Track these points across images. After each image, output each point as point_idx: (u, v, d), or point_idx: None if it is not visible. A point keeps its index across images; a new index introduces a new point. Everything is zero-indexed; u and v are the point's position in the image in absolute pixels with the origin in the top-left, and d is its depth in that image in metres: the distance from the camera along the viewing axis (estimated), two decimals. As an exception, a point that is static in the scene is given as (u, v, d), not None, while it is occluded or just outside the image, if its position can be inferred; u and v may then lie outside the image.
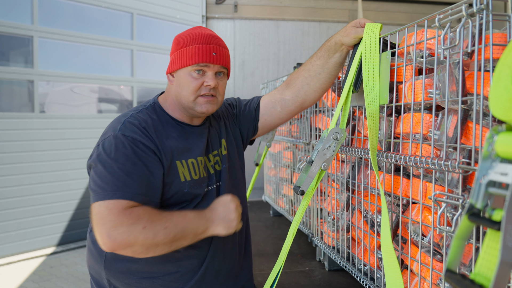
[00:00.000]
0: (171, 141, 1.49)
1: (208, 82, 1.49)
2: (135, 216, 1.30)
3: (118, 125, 1.43)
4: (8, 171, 5.09)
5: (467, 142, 1.14)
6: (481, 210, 0.69)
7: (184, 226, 1.36)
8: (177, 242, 1.36)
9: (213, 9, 6.77)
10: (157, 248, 1.33)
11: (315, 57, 1.69)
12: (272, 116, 1.80)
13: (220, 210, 1.45)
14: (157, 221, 1.32)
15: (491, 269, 0.64)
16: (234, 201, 1.48)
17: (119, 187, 1.32)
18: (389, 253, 1.32)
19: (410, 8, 7.28)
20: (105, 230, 1.26)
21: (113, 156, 1.36)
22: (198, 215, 1.42)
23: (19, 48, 5.31)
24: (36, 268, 4.92)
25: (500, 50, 1.05)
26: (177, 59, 1.51)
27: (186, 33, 1.53)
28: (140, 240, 1.28)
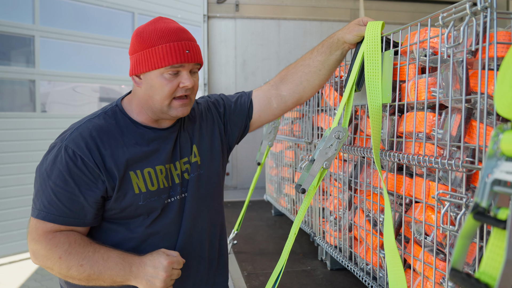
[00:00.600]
0: (127, 149, 1.39)
1: (184, 83, 1.37)
2: (54, 243, 1.29)
3: (68, 132, 1.37)
4: (10, 170, 5.10)
5: (471, 141, 1.13)
6: (486, 209, 0.69)
7: (101, 269, 1.30)
8: (93, 281, 1.31)
9: (214, 8, 6.76)
10: (74, 280, 1.32)
11: (316, 53, 1.64)
12: (267, 112, 1.71)
13: (149, 271, 1.31)
14: (74, 254, 1.29)
15: (497, 268, 0.63)
16: (167, 270, 1.32)
17: (46, 207, 1.32)
18: (392, 251, 1.31)
19: (412, 7, 7.26)
20: (31, 246, 1.32)
21: (49, 171, 1.33)
22: (122, 263, 1.32)
23: (20, 48, 5.32)
24: (38, 268, 4.92)
25: (504, 48, 1.04)
26: (145, 60, 1.35)
27: (150, 29, 1.37)
28: (56, 269, 1.30)
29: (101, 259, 1.31)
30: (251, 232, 2.90)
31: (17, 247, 5.17)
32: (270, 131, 2.72)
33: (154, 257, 1.33)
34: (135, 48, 1.38)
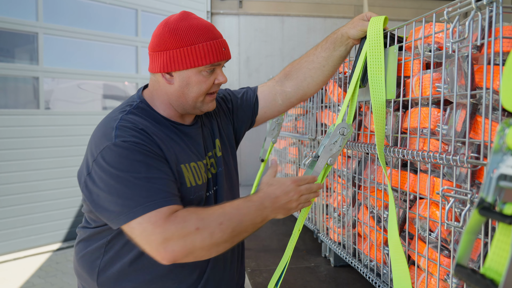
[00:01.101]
0: (169, 143, 1.36)
1: (220, 80, 1.40)
2: (182, 220, 1.17)
3: (112, 132, 1.27)
4: (14, 167, 5.12)
5: (476, 137, 1.12)
6: (491, 204, 0.68)
7: (240, 219, 1.23)
8: (236, 237, 1.23)
9: (218, 4, 6.76)
10: (219, 247, 1.21)
11: (320, 49, 1.64)
12: (272, 108, 1.72)
13: (280, 198, 1.30)
14: (207, 218, 1.19)
15: (502, 264, 0.63)
16: (295, 189, 1.32)
17: (148, 197, 1.18)
18: (396, 247, 1.31)
19: (416, 3, 7.25)
20: (159, 246, 1.15)
21: (123, 167, 1.21)
22: (253, 204, 1.27)
23: (24, 45, 5.33)
24: (43, 264, 4.95)
25: (510, 43, 1.03)
26: (182, 58, 1.34)
27: (184, 26, 1.35)
28: (198, 244, 1.16)
29: (234, 210, 1.24)
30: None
31: (21, 244, 5.19)
32: (274, 128, 2.72)
33: (277, 185, 1.32)
34: (168, 45, 1.34)
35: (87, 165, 1.28)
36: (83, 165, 1.31)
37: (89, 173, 1.26)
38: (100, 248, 1.37)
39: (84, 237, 1.42)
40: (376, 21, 1.47)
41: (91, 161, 1.26)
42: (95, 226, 1.38)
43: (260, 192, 1.32)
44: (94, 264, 1.37)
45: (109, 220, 1.23)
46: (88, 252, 1.39)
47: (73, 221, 5.64)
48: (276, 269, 1.54)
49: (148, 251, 1.18)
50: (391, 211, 1.34)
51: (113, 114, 1.37)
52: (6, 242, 5.07)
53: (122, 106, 1.41)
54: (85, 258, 1.40)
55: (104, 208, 1.22)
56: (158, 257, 1.16)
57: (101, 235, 1.37)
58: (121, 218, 1.18)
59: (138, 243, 1.19)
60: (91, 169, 1.25)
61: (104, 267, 1.36)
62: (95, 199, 1.24)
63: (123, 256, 1.34)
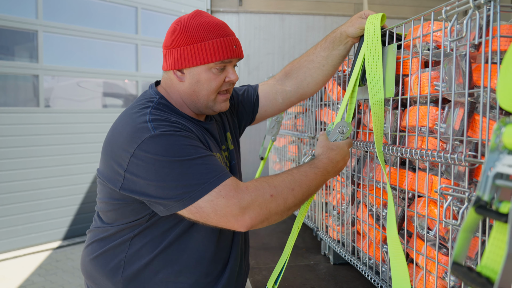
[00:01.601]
0: (200, 133, 1.37)
1: (231, 78, 1.39)
2: (255, 188, 1.21)
3: (147, 125, 1.24)
4: (14, 165, 5.12)
5: (474, 135, 1.13)
6: (488, 203, 0.69)
7: (309, 184, 1.30)
8: (304, 200, 1.31)
9: (218, 2, 6.76)
10: (290, 211, 1.27)
11: (319, 48, 1.65)
12: (273, 107, 1.74)
13: (340, 163, 1.40)
14: (278, 185, 1.24)
15: (498, 262, 0.63)
16: (349, 154, 1.45)
17: (208, 173, 1.19)
18: (395, 245, 1.31)
19: (416, 1, 7.24)
20: (238, 215, 1.18)
21: (174, 153, 1.20)
22: (318, 170, 1.34)
23: (24, 43, 5.33)
24: (42, 262, 4.96)
25: (507, 42, 1.04)
26: (192, 55, 1.34)
27: (196, 23, 1.35)
28: (273, 210, 1.22)
29: (302, 176, 1.30)
30: (254, 226, 2.90)
31: (21, 242, 5.20)
32: (273, 126, 2.72)
33: (337, 150, 1.41)
34: (179, 42, 1.35)
35: (119, 164, 1.25)
36: (111, 166, 1.29)
37: (126, 169, 1.24)
38: (125, 242, 1.36)
39: (101, 237, 1.40)
40: (374, 19, 1.47)
41: (125, 157, 1.23)
42: (116, 224, 1.37)
43: (323, 157, 1.38)
44: (117, 259, 1.36)
45: (167, 206, 1.22)
46: (108, 249, 1.37)
47: (73, 219, 5.65)
48: (275, 267, 1.55)
49: (224, 223, 1.21)
50: (390, 209, 1.35)
51: (134, 110, 1.34)
52: (7, 240, 5.08)
53: (141, 103, 1.37)
54: (103, 256, 1.38)
55: (159, 198, 1.21)
56: (236, 225, 1.20)
57: (125, 231, 1.36)
58: (185, 201, 1.19)
59: (210, 219, 1.21)
60: (129, 165, 1.23)
61: (130, 260, 1.35)
62: (145, 192, 1.23)
63: (152, 248, 1.34)
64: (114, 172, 1.28)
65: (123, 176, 1.25)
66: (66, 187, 5.56)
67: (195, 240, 1.37)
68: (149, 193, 1.22)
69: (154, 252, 1.34)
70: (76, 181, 5.65)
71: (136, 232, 1.35)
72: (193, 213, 1.21)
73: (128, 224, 1.35)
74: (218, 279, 1.43)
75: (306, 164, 1.36)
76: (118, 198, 1.32)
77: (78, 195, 5.67)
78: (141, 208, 1.31)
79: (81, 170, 5.66)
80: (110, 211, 1.37)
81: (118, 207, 1.34)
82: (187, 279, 1.36)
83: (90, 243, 1.44)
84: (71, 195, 5.62)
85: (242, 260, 1.55)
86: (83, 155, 5.66)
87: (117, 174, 1.27)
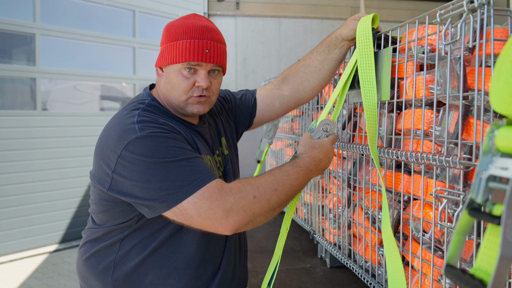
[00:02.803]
0: (189, 135, 1.37)
1: (199, 83, 1.35)
2: (238, 190, 1.20)
3: (134, 126, 1.25)
4: (11, 168, 5.11)
5: (468, 138, 1.13)
6: (481, 205, 0.69)
7: (292, 184, 1.29)
8: (288, 200, 1.30)
9: (215, 6, 6.77)
10: (274, 212, 1.26)
11: (315, 53, 1.65)
12: (270, 111, 1.74)
13: (322, 160, 1.38)
14: (261, 186, 1.23)
15: (491, 264, 0.63)
16: (333, 151, 1.43)
17: (193, 175, 1.19)
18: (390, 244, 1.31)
19: (412, 5, 7.27)
20: (222, 218, 1.16)
21: (159, 154, 1.20)
22: (301, 169, 1.32)
23: (21, 46, 5.33)
24: (39, 266, 4.94)
25: (501, 45, 1.04)
26: (166, 53, 1.35)
27: (179, 23, 1.37)
28: (257, 211, 1.20)
29: (285, 176, 1.29)
30: (251, 230, 2.90)
31: (18, 245, 5.18)
32: (270, 129, 2.72)
33: (320, 147, 1.39)
34: (162, 40, 1.40)
35: (107, 164, 1.26)
36: (100, 167, 1.29)
37: (114, 170, 1.24)
38: (115, 243, 1.36)
39: (93, 238, 1.41)
40: (365, 20, 1.48)
41: (113, 158, 1.24)
42: (107, 226, 1.37)
43: (305, 156, 1.37)
44: (108, 260, 1.36)
45: (151, 207, 1.21)
46: (100, 250, 1.38)
47: (70, 222, 5.64)
48: (267, 270, 1.55)
49: (208, 226, 1.19)
50: (384, 210, 1.35)
51: (124, 112, 1.34)
52: (3, 244, 5.06)
53: (133, 105, 1.38)
54: (95, 256, 1.39)
55: (144, 199, 1.21)
56: (221, 228, 1.18)
57: (115, 232, 1.36)
58: (169, 202, 1.18)
59: (194, 222, 1.19)
60: (116, 166, 1.23)
61: (120, 261, 1.35)
62: (131, 193, 1.23)
63: (141, 250, 1.34)
64: (103, 173, 1.28)
65: (111, 177, 1.26)
66: (63, 190, 5.54)
67: (184, 242, 1.36)
68: (135, 194, 1.22)
69: (143, 253, 1.34)
70: (73, 184, 5.64)
71: (126, 233, 1.35)
72: (177, 215, 1.20)
73: (118, 225, 1.35)
74: (209, 284, 1.41)
75: (288, 163, 1.35)
76: (108, 199, 1.32)
77: (75, 198, 5.66)
78: (130, 210, 1.31)
79: (78, 173, 5.65)
80: (101, 212, 1.38)
81: (108, 208, 1.35)
82: (176, 282, 1.36)
83: (83, 244, 1.45)
84: (68, 198, 5.60)
85: (236, 266, 1.53)
86: (80, 158, 5.65)
87: (106, 175, 1.27)
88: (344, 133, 1.88)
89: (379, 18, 1.53)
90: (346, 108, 1.87)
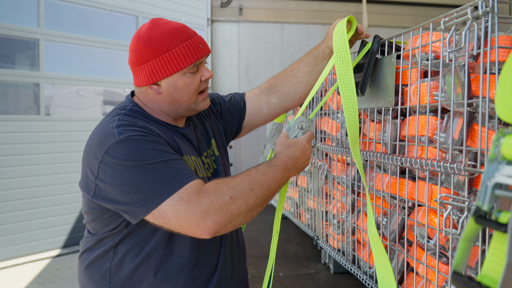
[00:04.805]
0: (171, 136, 1.38)
1: (206, 76, 1.41)
2: (214, 191, 1.19)
3: (114, 131, 1.26)
4: (14, 173, 5.12)
5: (473, 145, 1.14)
6: (487, 213, 0.69)
7: (269, 183, 1.28)
8: (267, 200, 1.29)
9: (218, 12, 6.79)
10: (253, 212, 1.25)
11: (303, 64, 1.69)
12: (258, 116, 1.76)
13: (299, 158, 1.38)
14: (238, 186, 1.22)
15: (498, 271, 0.64)
16: (310, 146, 1.42)
17: (172, 177, 1.19)
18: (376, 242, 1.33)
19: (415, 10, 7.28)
20: (199, 221, 1.15)
21: (137, 158, 1.20)
22: (277, 168, 1.32)
23: (25, 51, 5.35)
24: (42, 270, 4.94)
25: (505, 52, 1.05)
26: (164, 65, 1.34)
27: (156, 34, 1.35)
28: (234, 212, 1.19)
29: (261, 175, 1.28)
30: (254, 235, 2.90)
31: (20, 250, 5.19)
32: (274, 135, 2.73)
33: (296, 146, 1.39)
34: (146, 57, 1.35)
35: (91, 171, 1.27)
36: (86, 174, 1.31)
37: (96, 176, 1.24)
38: (108, 251, 1.36)
39: (88, 247, 1.41)
40: (340, 24, 1.49)
41: (96, 164, 1.24)
42: (99, 234, 1.38)
43: (281, 155, 1.37)
44: (104, 268, 1.36)
45: (132, 213, 1.21)
46: (95, 258, 1.38)
47: (72, 227, 5.64)
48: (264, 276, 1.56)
49: (186, 229, 1.18)
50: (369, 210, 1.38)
51: (106, 119, 1.36)
52: (5, 249, 5.06)
53: (114, 112, 1.39)
54: (92, 266, 1.39)
55: (124, 204, 1.21)
56: (199, 231, 1.17)
57: (108, 240, 1.36)
58: (149, 205, 1.18)
59: (173, 225, 1.18)
60: (98, 172, 1.24)
61: (115, 269, 1.35)
62: (113, 199, 1.23)
63: (134, 256, 1.34)
64: (89, 180, 1.29)
65: (95, 183, 1.26)
66: (65, 195, 5.55)
67: (176, 245, 1.35)
68: (116, 199, 1.22)
69: (136, 260, 1.34)
70: (76, 189, 5.64)
71: (117, 240, 1.35)
72: (157, 218, 1.19)
73: (109, 232, 1.35)
74: (206, 285, 1.41)
75: (264, 163, 1.35)
76: (95, 206, 1.33)
77: (77, 203, 5.66)
78: (118, 215, 1.30)
79: (81, 178, 5.66)
80: (92, 221, 1.38)
81: (97, 216, 1.35)
82: (172, 286, 1.35)
83: (82, 253, 1.45)
84: (71, 203, 5.61)
85: (234, 266, 1.53)
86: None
87: (91, 182, 1.28)
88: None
89: (355, 20, 1.55)
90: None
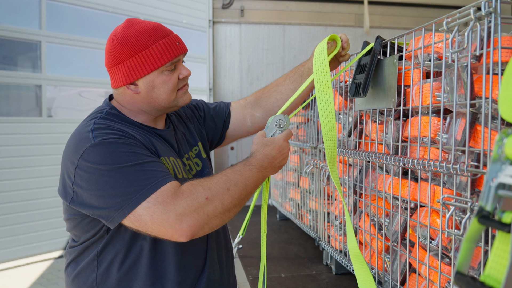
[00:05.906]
0: (149, 138, 1.36)
1: (183, 74, 1.39)
2: (189, 193, 1.17)
3: (88, 135, 1.24)
4: (16, 175, 5.13)
5: (476, 145, 1.14)
6: (491, 213, 0.69)
7: (245, 182, 1.26)
8: (244, 200, 1.27)
9: (220, 13, 6.79)
10: (230, 212, 1.23)
11: (288, 81, 1.68)
12: (241, 128, 1.75)
13: (276, 157, 1.36)
14: (213, 187, 1.20)
15: (501, 271, 0.64)
16: (287, 145, 1.40)
17: (147, 179, 1.17)
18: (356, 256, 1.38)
19: (416, 12, 7.28)
20: (175, 223, 1.13)
21: (112, 161, 1.18)
22: (253, 167, 1.31)
23: (27, 53, 5.36)
24: (44, 272, 4.95)
25: (508, 53, 1.05)
26: (140, 64, 1.33)
27: (132, 33, 1.34)
28: (211, 213, 1.17)
29: (237, 175, 1.26)
30: (256, 236, 2.90)
31: (22, 252, 5.19)
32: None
33: (272, 145, 1.38)
34: (123, 56, 1.33)
35: (68, 176, 1.25)
36: (64, 180, 1.28)
37: (73, 182, 1.22)
38: (92, 261, 1.33)
39: (73, 257, 1.38)
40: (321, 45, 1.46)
41: (72, 169, 1.23)
42: (82, 242, 1.34)
43: (257, 154, 1.36)
44: (90, 280, 1.33)
45: (109, 217, 1.19)
46: (81, 270, 1.34)
47: (74, 228, 5.64)
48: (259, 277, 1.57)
49: (163, 233, 1.16)
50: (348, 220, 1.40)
51: (83, 123, 1.35)
52: (7, 250, 5.07)
53: (91, 116, 1.38)
54: (78, 278, 1.35)
55: (101, 208, 1.19)
56: (175, 235, 1.14)
57: (91, 249, 1.33)
58: (125, 209, 1.15)
59: (149, 229, 1.16)
60: (75, 177, 1.22)
61: (101, 280, 1.32)
62: (89, 204, 1.21)
63: (119, 264, 1.31)
64: (67, 186, 1.27)
65: (72, 189, 1.24)
66: (67, 196, 5.55)
67: (159, 249, 1.33)
68: (93, 204, 1.20)
69: (122, 268, 1.31)
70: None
71: (100, 248, 1.32)
72: (133, 222, 1.17)
73: (91, 239, 1.32)
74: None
75: (240, 163, 1.33)
76: (74, 212, 1.30)
77: (79, 204, 5.66)
78: (97, 220, 1.27)
79: (82, 179, 5.66)
80: (73, 228, 1.35)
81: (77, 222, 1.32)
82: None
83: (67, 266, 1.41)
84: (73, 204, 5.61)
85: (223, 269, 1.51)
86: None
87: (69, 188, 1.25)
88: (350, 140, 1.88)
89: (339, 38, 1.54)
90: (352, 115, 1.88)
